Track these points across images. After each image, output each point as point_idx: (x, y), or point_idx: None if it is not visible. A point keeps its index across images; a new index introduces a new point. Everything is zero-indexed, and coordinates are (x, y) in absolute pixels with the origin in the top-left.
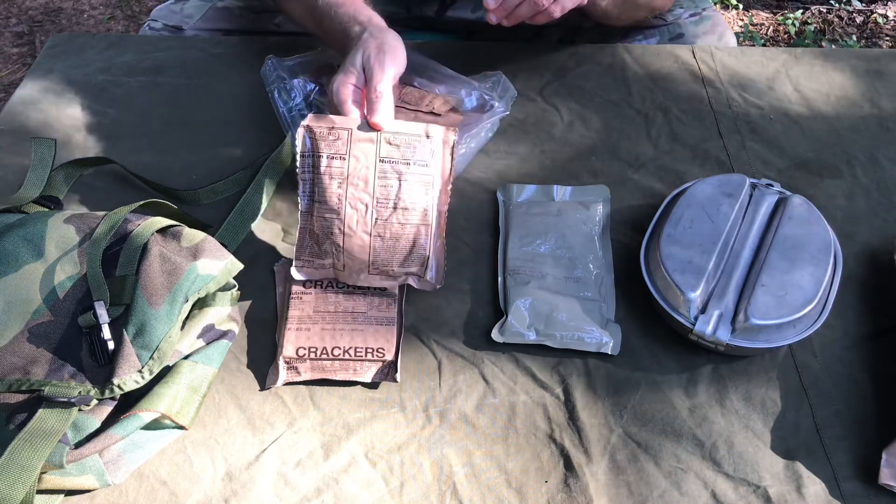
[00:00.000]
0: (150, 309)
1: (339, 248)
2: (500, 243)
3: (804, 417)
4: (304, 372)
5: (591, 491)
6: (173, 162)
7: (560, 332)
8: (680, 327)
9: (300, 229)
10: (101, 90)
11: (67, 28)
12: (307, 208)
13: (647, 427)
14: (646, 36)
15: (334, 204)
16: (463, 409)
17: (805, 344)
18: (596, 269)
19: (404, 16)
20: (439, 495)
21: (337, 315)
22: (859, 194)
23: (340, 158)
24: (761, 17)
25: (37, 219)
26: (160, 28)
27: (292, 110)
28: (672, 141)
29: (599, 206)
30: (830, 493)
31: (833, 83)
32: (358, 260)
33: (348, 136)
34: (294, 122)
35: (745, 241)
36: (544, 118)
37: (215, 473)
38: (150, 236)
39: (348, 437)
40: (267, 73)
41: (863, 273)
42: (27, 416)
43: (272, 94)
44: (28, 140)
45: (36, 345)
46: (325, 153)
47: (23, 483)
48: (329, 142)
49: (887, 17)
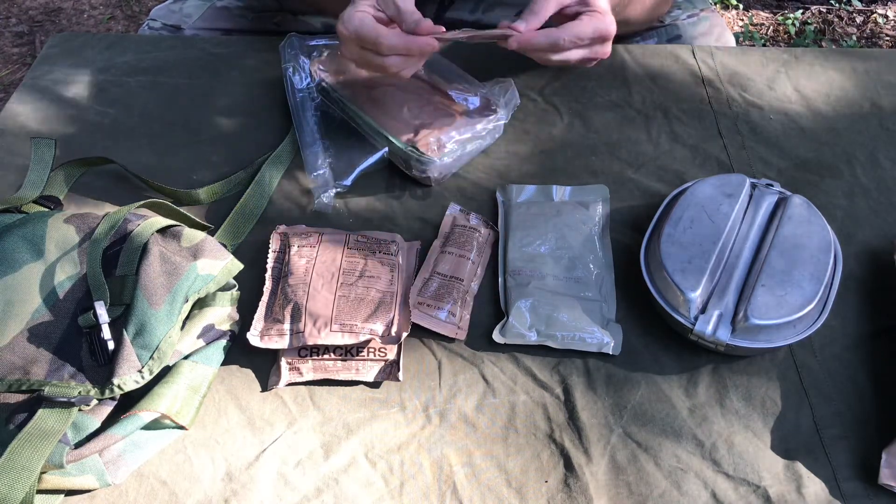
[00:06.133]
0: (150, 309)
1: (303, 308)
2: (500, 244)
3: (804, 417)
4: (307, 372)
5: (591, 491)
6: (173, 162)
7: (561, 332)
8: (680, 327)
9: (263, 303)
10: (101, 90)
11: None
12: (272, 288)
13: (647, 427)
14: (644, 38)
15: (301, 276)
16: (463, 409)
17: (805, 344)
18: (596, 269)
19: None
20: (439, 495)
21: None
22: (859, 194)
23: (310, 247)
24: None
25: (37, 219)
26: (159, 28)
27: (302, 91)
28: (672, 141)
29: (599, 206)
30: (830, 493)
31: (833, 83)
32: (322, 316)
33: (319, 236)
34: (303, 104)
35: (745, 241)
36: (544, 118)
37: (215, 473)
38: (150, 236)
39: (348, 437)
40: (285, 51)
41: (863, 273)
42: (27, 416)
43: (286, 73)
44: (28, 140)
45: (36, 345)
46: (296, 243)
47: (23, 483)
48: (301, 237)
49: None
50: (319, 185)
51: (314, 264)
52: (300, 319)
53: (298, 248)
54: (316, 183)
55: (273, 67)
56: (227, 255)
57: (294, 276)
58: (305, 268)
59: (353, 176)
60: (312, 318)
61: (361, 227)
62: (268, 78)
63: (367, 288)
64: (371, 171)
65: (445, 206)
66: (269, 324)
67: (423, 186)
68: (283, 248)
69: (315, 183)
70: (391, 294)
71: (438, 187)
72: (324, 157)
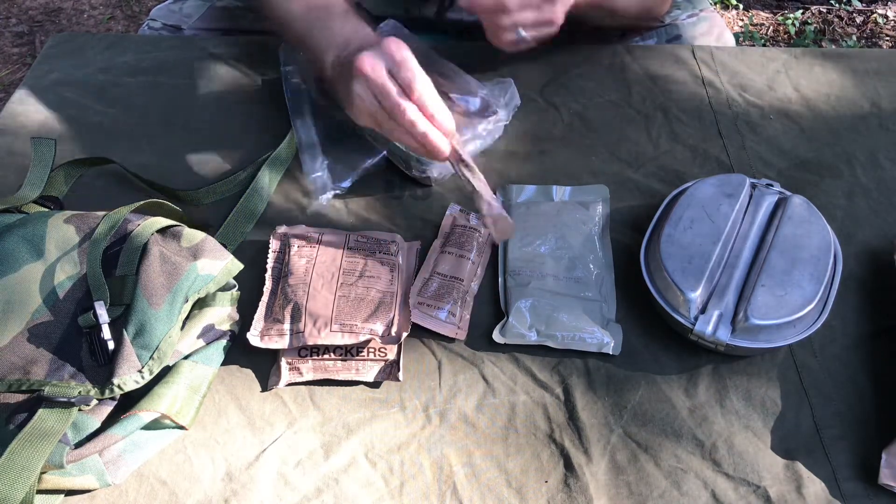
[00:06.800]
0: (150, 309)
1: (302, 308)
2: (501, 244)
3: (804, 417)
4: (307, 372)
5: (591, 491)
6: (173, 162)
7: (561, 332)
8: (680, 327)
9: (263, 303)
10: (101, 90)
11: (67, 28)
12: (272, 288)
13: (647, 427)
14: (644, 38)
15: (301, 276)
16: (463, 409)
17: (805, 344)
18: (596, 269)
19: (403, 17)
20: (439, 495)
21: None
22: (859, 194)
23: (310, 247)
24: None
25: (37, 219)
26: (159, 28)
27: (301, 92)
28: (672, 141)
29: (599, 206)
30: (830, 493)
31: (833, 83)
32: (322, 317)
33: (319, 236)
34: (302, 105)
35: (745, 241)
36: (544, 118)
37: (215, 473)
38: (150, 236)
39: (348, 437)
40: (285, 52)
41: (863, 273)
42: (27, 416)
43: (285, 75)
44: (28, 140)
45: (36, 345)
46: (296, 243)
47: (23, 483)
48: (301, 237)
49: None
50: (318, 187)
51: (314, 264)
52: (300, 319)
53: (298, 248)
54: (314, 185)
55: (273, 68)
56: (227, 255)
57: (294, 276)
58: (305, 268)
59: (352, 178)
60: (312, 318)
61: (361, 227)
62: (268, 78)
63: (367, 288)
64: (371, 171)
65: (445, 206)
66: (269, 324)
67: (423, 186)
68: (282, 249)
69: (313, 185)
70: (391, 294)
71: (438, 187)
72: (322, 159)
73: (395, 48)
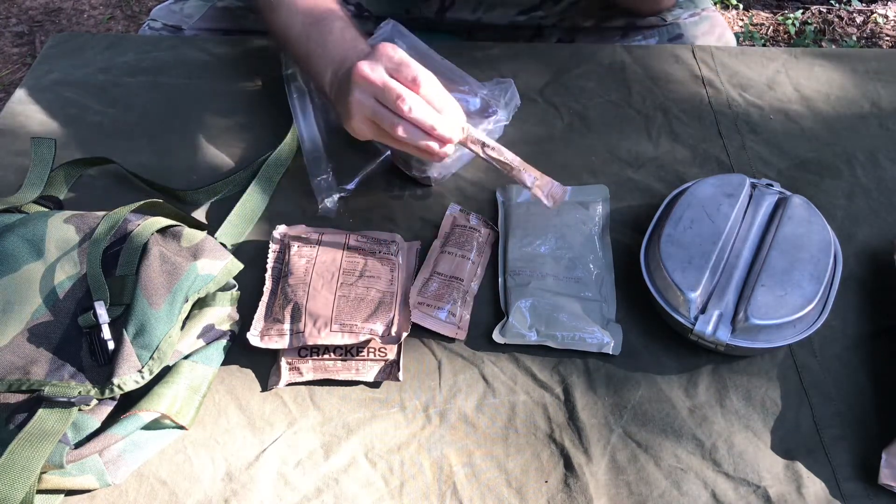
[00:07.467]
0: (150, 309)
1: (302, 308)
2: (500, 244)
3: (804, 417)
4: (307, 372)
5: (591, 491)
6: (173, 162)
7: (561, 332)
8: (680, 327)
9: (263, 303)
10: (101, 90)
11: (67, 28)
12: (272, 288)
13: (647, 427)
14: (645, 36)
15: (301, 276)
16: (463, 409)
17: (805, 344)
18: (596, 269)
19: (404, 17)
20: (439, 495)
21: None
22: (859, 194)
23: (310, 247)
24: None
25: (37, 219)
26: (160, 28)
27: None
28: (672, 141)
29: (599, 206)
30: (830, 493)
31: (833, 83)
32: (322, 316)
33: (319, 236)
34: (305, 107)
35: (745, 241)
36: (544, 118)
37: (215, 473)
38: (150, 236)
39: (348, 437)
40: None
41: (863, 273)
42: (27, 416)
43: (287, 77)
44: (28, 140)
45: (36, 345)
46: (296, 243)
47: (23, 483)
48: (301, 237)
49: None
50: (322, 189)
51: (314, 264)
52: (300, 319)
53: (298, 248)
54: (319, 188)
55: (273, 68)
56: (227, 255)
57: (294, 276)
58: (305, 268)
59: (357, 180)
60: (312, 318)
61: (361, 227)
62: (268, 78)
63: (367, 288)
64: (371, 171)
65: (445, 206)
66: (269, 324)
67: (423, 186)
68: (283, 248)
69: (318, 188)
70: (391, 294)
71: (438, 187)
72: (326, 161)
73: (392, 51)
